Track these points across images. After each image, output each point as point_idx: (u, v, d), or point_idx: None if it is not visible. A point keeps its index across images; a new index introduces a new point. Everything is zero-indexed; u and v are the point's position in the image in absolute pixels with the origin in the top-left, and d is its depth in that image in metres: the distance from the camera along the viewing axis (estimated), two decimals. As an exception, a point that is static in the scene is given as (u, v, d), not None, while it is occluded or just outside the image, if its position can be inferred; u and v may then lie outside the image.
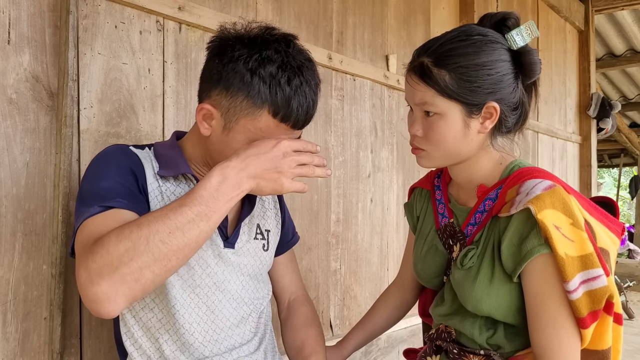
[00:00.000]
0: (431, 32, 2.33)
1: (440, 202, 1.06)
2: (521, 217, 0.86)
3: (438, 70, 0.88)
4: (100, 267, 0.70)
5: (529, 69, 0.91)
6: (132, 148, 0.95)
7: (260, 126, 0.86)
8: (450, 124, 0.90)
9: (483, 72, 0.87)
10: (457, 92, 0.88)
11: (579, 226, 0.84)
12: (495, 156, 0.97)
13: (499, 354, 0.92)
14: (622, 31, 4.66)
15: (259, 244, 1.04)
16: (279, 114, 0.85)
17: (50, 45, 1.07)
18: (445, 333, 0.99)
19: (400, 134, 2.14)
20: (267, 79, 0.84)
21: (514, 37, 0.90)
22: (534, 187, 0.85)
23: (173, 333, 0.92)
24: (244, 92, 0.84)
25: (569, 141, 3.67)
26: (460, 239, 0.98)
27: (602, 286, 0.82)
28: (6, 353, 1.00)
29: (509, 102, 0.91)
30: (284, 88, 0.84)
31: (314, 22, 1.74)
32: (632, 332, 3.95)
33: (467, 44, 0.88)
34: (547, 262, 0.84)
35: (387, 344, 2.05)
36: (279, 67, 0.84)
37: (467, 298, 0.91)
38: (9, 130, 1.01)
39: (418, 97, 0.91)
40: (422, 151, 0.95)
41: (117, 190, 0.84)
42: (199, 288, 0.93)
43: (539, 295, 0.85)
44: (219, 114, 0.88)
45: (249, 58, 0.84)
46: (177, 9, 1.28)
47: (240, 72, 0.84)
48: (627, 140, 7.21)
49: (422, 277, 1.07)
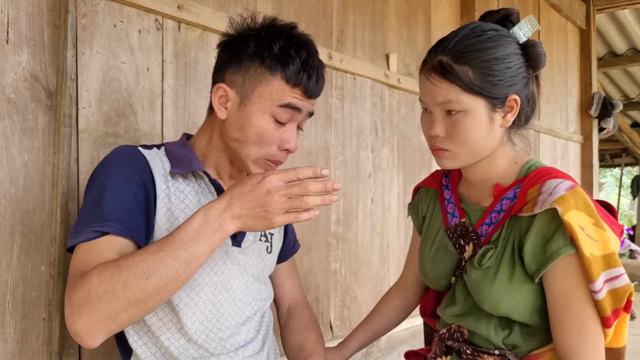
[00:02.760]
0: (432, 31, 2.32)
1: (450, 201, 1.05)
2: (545, 217, 0.85)
3: (460, 66, 0.87)
4: (81, 305, 0.74)
5: (536, 60, 0.93)
6: (140, 149, 0.94)
7: (275, 89, 0.90)
8: (477, 120, 0.89)
9: (503, 65, 0.88)
10: (481, 86, 0.87)
11: (601, 226, 0.84)
12: (510, 154, 0.97)
13: (514, 353, 0.91)
14: (624, 30, 4.65)
15: (263, 245, 1.05)
16: (292, 79, 0.90)
17: (48, 45, 1.06)
18: (457, 333, 0.98)
19: (400, 133, 2.14)
20: (276, 50, 0.90)
21: (518, 31, 0.92)
22: (556, 187, 0.85)
23: (176, 331, 0.91)
24: (257, 61, 0.90)
25: (571, 141, 3.66)
26: (473, 238, 0.97)
27: (624, 284, 0.83)
28: (5, 354, 1.00)
29: (526, 94, 0.93)
30: (294, 57, 0.90)
31: (314, 21, 1.74)
32: (634, 333, 3.94)
33: (484, 39, 0.89)
34: (571, 263, 0.84)
35: (388, 345, 2.05)
36: (286, 41, 0.91)
37: (485, 298, 0.90)
38: (7, 129, 1.00)
39: (441, 96, 0.89)
40: (446, 152, 0.93)
41: (117, 210, 0.83)
42: (207, 287, 0.93)
43: (562, 296, 0.85)
44: (233, 92, 0.92)
45: (258, 35, 0.92)
46: (176, 8, 1.27)
47: (251, 47, 0.91)
48: (628, 140, 7.19)
49: (430, 277, 1.05)
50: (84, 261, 0.79)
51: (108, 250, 0.80)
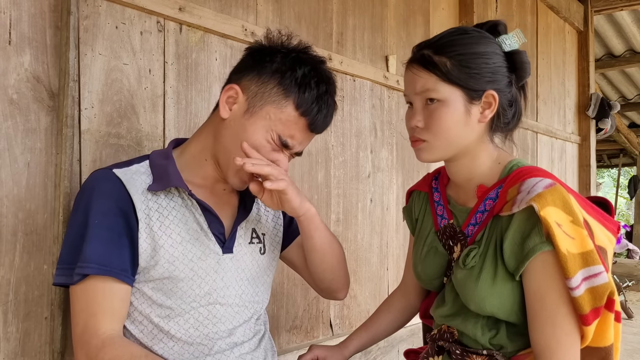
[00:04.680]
0: (431, 33, 2.33)
1: (439, 203, 1.06)
2: (523, 216, 0.87)
3: (439, 57, 0.91)
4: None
5: (521, 67, 0.95)
6: (115, 172, 0.93)
7: (283, 117, 0.91)
8: (452, 110, 0.91)
9: (481, 60, 0.91)
10: (458, 77, 0.90)
11: (579, 223, 0.84)
12: (494, 154, 0.98)
13: (502, 353, 0.92)
14: (622, 32, 4.67)
15: (255, 247, 1.05)
16: (302, 107, 0.91)
17: (51, 46, 1.07)
18: (447, 333, 0.99)
19: (400, 134, 2.15)
20: (299, 76, 0.92)
21: (505, 40, 0.95)
22: (534, 186, 0.86)
23: (168, 340, 0.93)
24: (276, 81, 0.92)
25: (568, 141, 3.68)
26: (460, 239, 0.98)
27: (603, 283, 0.82)
28: (7, 353, 1.00)
29: (506, 94, 0.94)
30: (312, 88, 0.92)
31: (313, 23, 1.75)
32: (631, 332, 3.96)
33: (465, 36, 0.93)
34: (548, 260, 0.84)
35: (387, 344, 2.06)
36: (311, 70, 0.93)
37: (470, 297, 0.91)
38: (10, 130, 1.01)
39: (420, 85, 0.93)
40: (423, 142, 0.95)
41: (95, 248, 0.87)
42: (199, 298, 0.94)
43: (538, 294, 0.86)
44: (244, 97, 0.94)
45: (286, 56, 0.94)
46: (177, 10, 1.28)
47: (276, 63, 0.93)
48: (626, 141, 7.22)
49: (423, 278, 1.07)
50: (85, 311, 0.87)
51: (96, 291, 0.87)
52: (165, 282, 0.92)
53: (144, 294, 0.92)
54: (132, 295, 0.92)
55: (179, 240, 0.93)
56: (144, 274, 0.91)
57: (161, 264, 0.91)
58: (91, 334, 0.85)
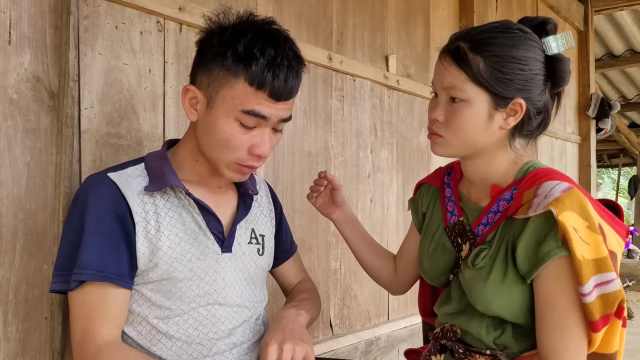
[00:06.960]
0: (430, 33, 2.33)
1: (450, 199, 1.05)
2: (539, 220, 0.85)
3: (473, 55, 0.88)
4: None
5: (560, 76, 0.92)
6: (110, 176, 0.91)
7: (238, 94, 0.86)
8: (475, 113, 0.89)
9: (517, 66, 0.88)
10: (488, 80, 0.87)
11: (594, 229, 0.83)
12: (511, 157, 0.96)
13: (505, 354, 0.91)
14: (622, 31, 4.67)
15: (254, 248, 1.04)
16: (255, 81, 0.85)
17: (51, 46, 1.07)
18: (450, 332, 0.99)
19: (400, 134, 2.15)
20: (241, 51, 0.86)
21: (551, 42, 0.90)
22: (552, 189, 0.85)
23: (167, 340, 0.93)
24: (219, 63, 0.87)
25: (568, 141, 3.68)
26: (470, 237, 0.97)
27: (615, 290, 0.81)
28: (7, 353, 1.00)
29: (535, 103, 0.91)
30: (258, 57, 0.85)
31: (314, 23, 1.75)
32: (632, 332, 3.96)
33: (506, 36, 0.89)
34: (562, 265, 0.83)
35: (387, 344, 2.06)
36: (252, 39, 0.86)
37: (477, 298, 0.91)
38: (9, 130, 1.01)
39: (447, 80, 0.90)
40: (440, 137, 0.94)
41: (91, 254, 0.86)
42: (199, 298, 0.94)
43: (549, 298, 0.85)
44: (201, 93, 0.90)
45: (223, 34, 0.88)
46: (177, 10, 1.28)
47: (215, 46, 0.88)
48: (626, 141, 7.22)
49: (428, 274, 1.06)
50: (83, 318, 0.86)
51: (93, 297, 0.87)
52: (165, 283, 0.91)
53: (143, 295, 0.92)
54: (131, 298, 0.92)
55: (177, 240, 0.92)
56: (143, 276, 0.91)
57: (160, 265, 0.90)
58: (89, 341, 0.85)
